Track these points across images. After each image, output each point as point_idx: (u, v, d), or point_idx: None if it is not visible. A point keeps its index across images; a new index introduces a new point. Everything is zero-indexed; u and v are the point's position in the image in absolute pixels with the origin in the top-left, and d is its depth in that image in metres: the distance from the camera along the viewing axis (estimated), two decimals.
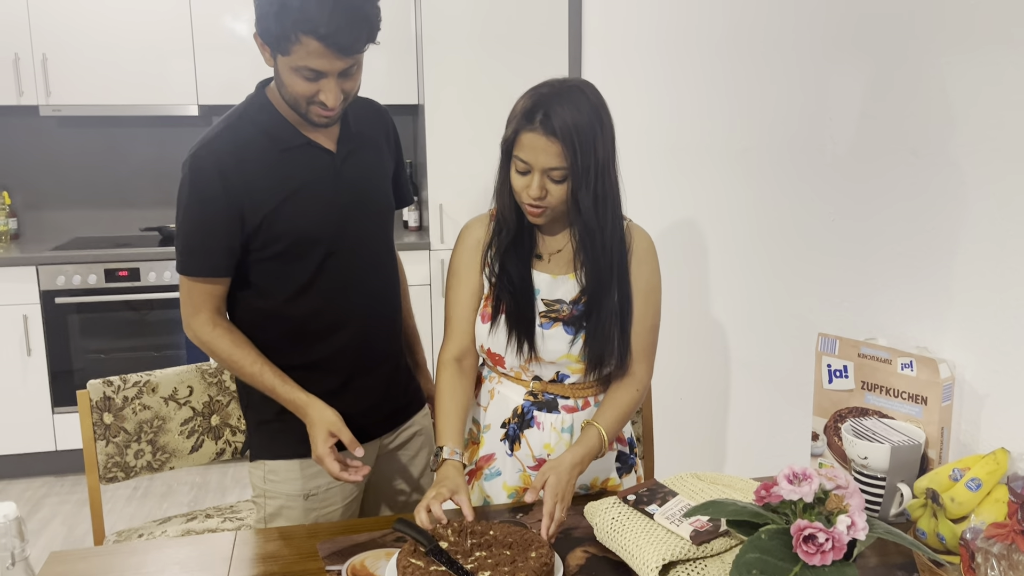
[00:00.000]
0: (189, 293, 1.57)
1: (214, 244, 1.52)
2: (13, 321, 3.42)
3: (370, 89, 3.90)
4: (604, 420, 1.54)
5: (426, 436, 1.85)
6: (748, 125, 2.10)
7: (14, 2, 3.45)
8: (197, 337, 1.58)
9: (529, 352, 1.56)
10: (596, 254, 1.52)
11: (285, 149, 1.54)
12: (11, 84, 3.50)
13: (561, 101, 1.44)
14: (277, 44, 1.42)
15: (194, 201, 1.51)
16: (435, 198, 3.67)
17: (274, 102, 1.56)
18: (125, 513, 3.27)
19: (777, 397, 2.03)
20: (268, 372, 1.57)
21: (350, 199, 1.60)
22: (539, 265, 1.60)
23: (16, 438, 3.51)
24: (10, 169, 3.87)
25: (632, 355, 1.58)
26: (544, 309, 1.58)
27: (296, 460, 1.64)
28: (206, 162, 1.49)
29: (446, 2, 3.51)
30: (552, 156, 1.44)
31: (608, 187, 1.49)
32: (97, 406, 1.97)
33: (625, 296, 1.56)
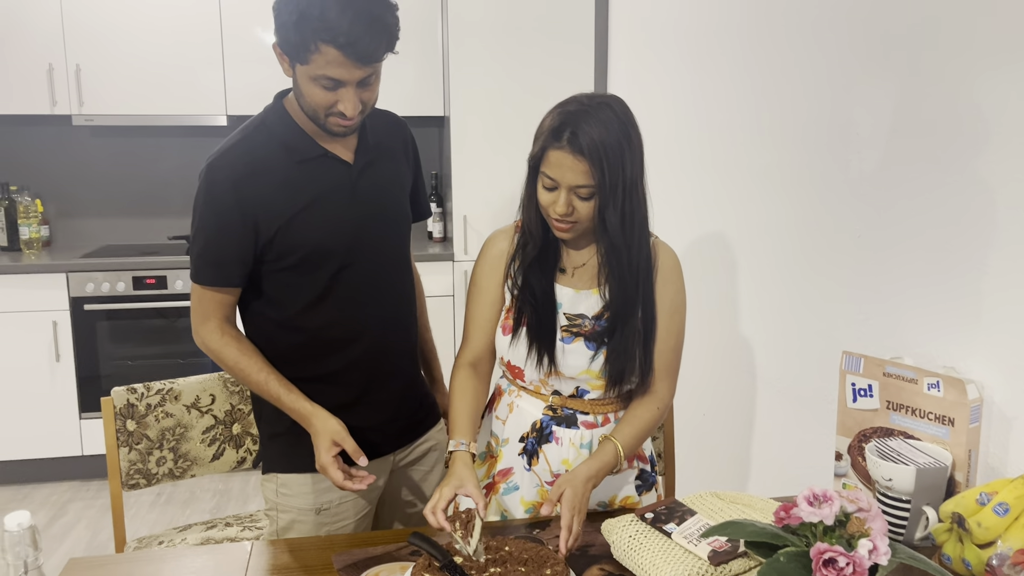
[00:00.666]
0: (200, 300, 1.57)
1: (227, 254, 1.53)
2: (43, 327, 3.47)
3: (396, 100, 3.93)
4: (622, 435, 1.53)
5: (440, 451, 1.83)
6: (774, 139, 2.08)
7: (49, 14, 3.51)
8: (205, 344, 1.59)
9: (549, 366, 1.55)
10: (622, 271, 1.51)
11: (301, 160, 1.54)
12: (45, 94, 3.56)
13: (589, 118, 1.43)
14: (296, 53, 1.42)
15: (209, 211, 1.52)
16: (459, 209, 3.68)
17: (292, 113, 1.56)
18: (148, 519, 3.30)
19: (801, 415, 2.00)
20: (274, 381, 1.57)
21: (366, 211, 1.60)
22: (562, 279, 1.59)
23: (44, 443, 3.55)
24: (43, 177, 3.94)
25: (655, 373, 1.57)
26: (566, 323, 1.57)
27: (308, 474, 1.63)
28: (221, 173, 1.50)
29: (472, 14, 3.52)
30: (579, 174, 1.43)
31: (636, 204, 1.48)
32: (121, 413, 1.99)
33: (649, 314, 1.55)
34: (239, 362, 1.57)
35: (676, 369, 1.61)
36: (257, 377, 1.56)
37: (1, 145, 3.88)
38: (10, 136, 3.88)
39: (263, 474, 1.71)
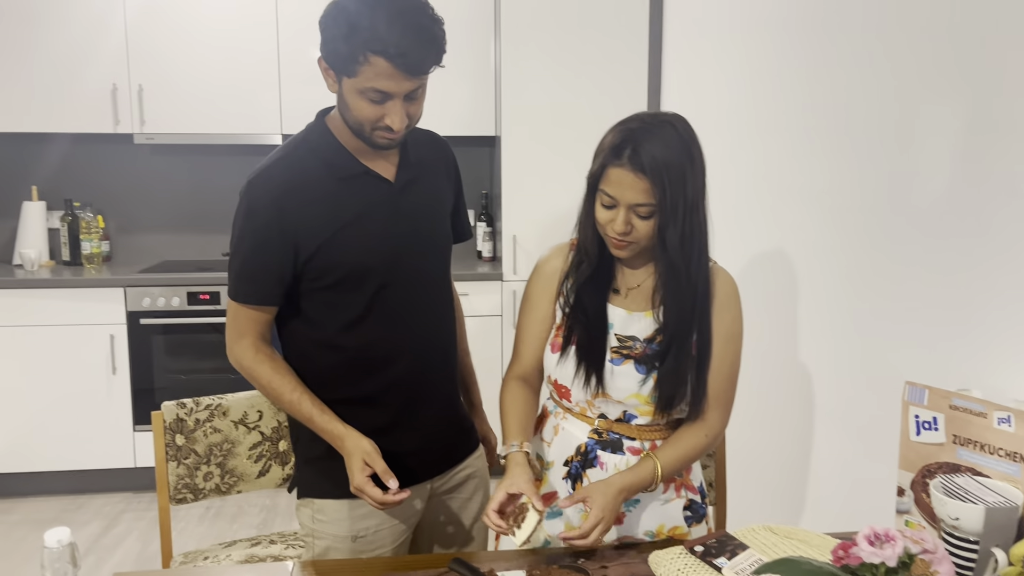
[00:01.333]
0: (236, 318, 1.57)
1: (265, 272, 1.53)
2: (100, 340, 3.55)
3: (448, 119, 3.96)
4: (664, 456, 1.49)
5: (480, 479, 1.79)
6: (832, 160, 2.02)
7: (115, 36, 3.62)
8: (239, 363, 1.58)
9: (596, 386, 1.52)
10: (679, 292, 1.47)
11: (343, 178, 1.53)
12: (109, 113, 3.66)
13: (650, 136, 1.41)
14: (344, 66, 1.42)
15: (248, 228, 1.52)
16: (509, 229, 3.67)
17: (334, 130, 1.55)
18: (196, 532, 3.33)
19: (860, 447, 1.92)
20: (307, 401, 1.55)
21: (407, 230, 1.58)
22: (615, 299, 1.56)
23: (98, 453, 3.62)
24: (105, 194, 4.04)
25: (707, 401, 1.52)
26: (616, 344, 1.53)
27: (345, 500, 1.60)
28: (262, 190, 1.50)
29: (526, 35, 3.53)
30: (639, 192, 1.41)
31: (696, 225, 1.45)
32: (170, 427, 2.00)
33: (704, 339, 1.51)
34: (272, 381, 1.56)
35: (730, 399, 1.56)
36: (290, 397, 1.55)
37: (66, 163, 4.00)
38: (75, 154, 4.00)
39: (298, 499, 1.68)
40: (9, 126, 3.65)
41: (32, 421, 3.56)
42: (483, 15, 3.76)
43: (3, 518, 3.45)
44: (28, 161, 3.97)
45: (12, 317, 3.49)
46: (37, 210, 3.88)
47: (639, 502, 1.57)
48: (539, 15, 3.52)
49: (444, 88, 3.83)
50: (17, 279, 3.53)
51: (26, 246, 3.83)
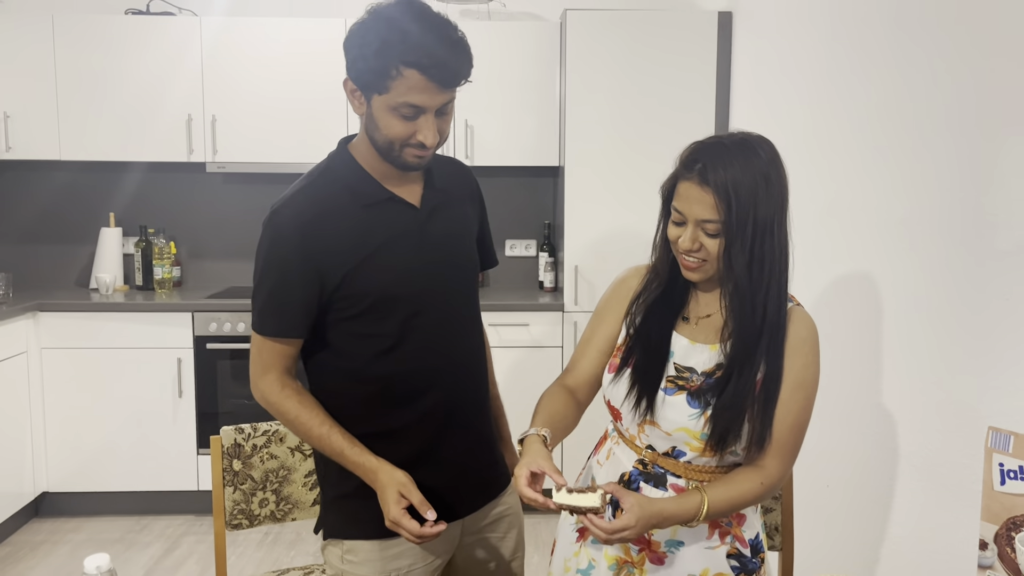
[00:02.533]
0: (259, 351, 1.53)
1: (291, 303, 1.49)
2: (168, 364, 3.63)
3: (516, 151, 3.97)
4: (713, 493, 1.41)
5: (514, 516, 1.73)
6: (909, 191, 1.94)
7: (191, 69, 3.74)
8: (264, 398, 1.54)
9: (646, 412, 1.46)
10: (744, 322, 1.40)
11: (368, 205, 1.50)
12: (183, 143, 3.78)
13: (724, 152, 1.38)
14: (376, 82, 1.40)
15: (272, 259, 1.48)
16: (571, 259, 3.63)
17: (357, 157, 1.53)
18: (255, 558, 3.34)
19: (940, 495, 1.81)
20: (336, 434, 1.50)
21: (435, 257, 1.55)
22: (682, 327, 1.51)
23: (163, 475, 3.68)
24: (178, 221, 4.16)
25: (769, 447, 1.44)
26: (673, 374, 1.48)
27: (376, 541, 1.55)
28: (285, 219, 1.47)
29: (590, 67, 3.52)
30: (706, 208, 1.37)
31: (768, 249, 1.38)
32: (228, 452, 2.01)
33: (773, 380, 1.42)
34: (300, 415, 1.51)
35: (792, 451, 1.46)
36: (319, 431, 1.51)
37: (142, 190, 4.13)
38: (150, 181, 4.13)
39: (324, 539, 1.63)
40: (91, 155, 3.79)
41: (101, 441, 3.65)
42: (550, 48, 3.77)
43: (70, 537, 3.53)
44: (107, 188, 4.12)
45: (86, 339, 3.60)
46: (114, 236, 4.01)
47: (683, 544, 1.49)
48: (604, 47, 3.51)
49: (511, 120, 3.86)
50: (91, 302, 3.65)
51: (102, 271, 3.96)
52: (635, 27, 3.50)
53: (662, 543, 1.50)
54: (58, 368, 3.61)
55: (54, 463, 3.65)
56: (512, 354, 3.66)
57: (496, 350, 3.62)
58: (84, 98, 3.73)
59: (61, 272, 4.15)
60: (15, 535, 3.54)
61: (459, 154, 3.82)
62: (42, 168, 4.07)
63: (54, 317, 3.59)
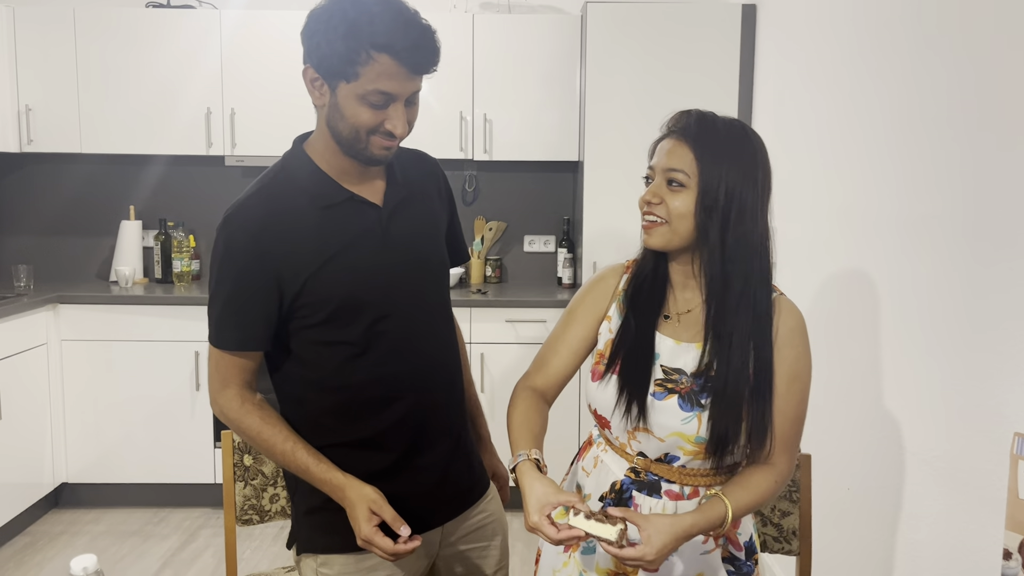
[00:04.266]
0: (218, 366, 1.44)
1: (249, 314, 1.40)
2: (185, 357, 3.64)
3: (536, 145, 3.92)
4: (734, 498, 1.35)
5: (497, 522, 1.66)
6: (936, 188, 1.88)
7: (210, 62, 3.74)
8: (224, 414, 1.45)
9: (638, 418, 1.40)
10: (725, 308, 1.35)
11: (326, 206, 1.42)
12: (202, 136, 3.78)
13: (711, 120, 1.35)
14: (343, 69, 1.33)
15: (227, 268, 1.39)
16: (590, 256, 3.60)
17: (314, 156, 1.45)
18: (271, 552, 3.34)
19: (963, 502, 1.76)
20: (301, 450, 1.43)
21: (400, 257, 1.47)
22: (665, 326, 1.44)
23: (181, 468, 3.70)
24: (196, 214, 4.17)
25: (774, 444, 1.39)
26: (661, 377, 1.42)
27: (352, 555, 1.48)
28: (238, 226, 1.39)
29: (610, 63, 3.47)
30: (677, 158, 1.34)
31: (748, 231, 1.33)
32: (239, 447, 2.00)
33: (764, 374, 1.36)
34: (262, 432, 1.43)
35: (795, 444, 1.43)
36: (283, 447, 1.43)
37: (162, 183, 4.15)
38: (170, 175, 4.14)
39: (298, 554, 1.56)
40: (111, 148, 3.80)
41: (120, 433, 3.67)
42: (569, 42, 3.73)
43: (90, 528, 3.55)
44: (127, 181, 4.14)
45: (105, 332, 3.62)
46: (133, 229, 4.03)
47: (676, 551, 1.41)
48: (625, 41, 3.46)
49: (531, 114, 3.82)
50: (111, 295, 3.66)
51: (122, 263, 3.97)
52: (657, 20, 3.44)
53: None
54: (78, 360, 3.63)
55: (73, 454, 3.67)
56: (530, 351, 3.63)
57: (513, 346, 3.61)
58: (105, 91, 3.75)
59: (81, 265, 4.18)
60: (34, 525, 3.57)
61: (477, 148, 3.79)
62: (63, 161, 4.09)
63: (74, 309, 3.61)
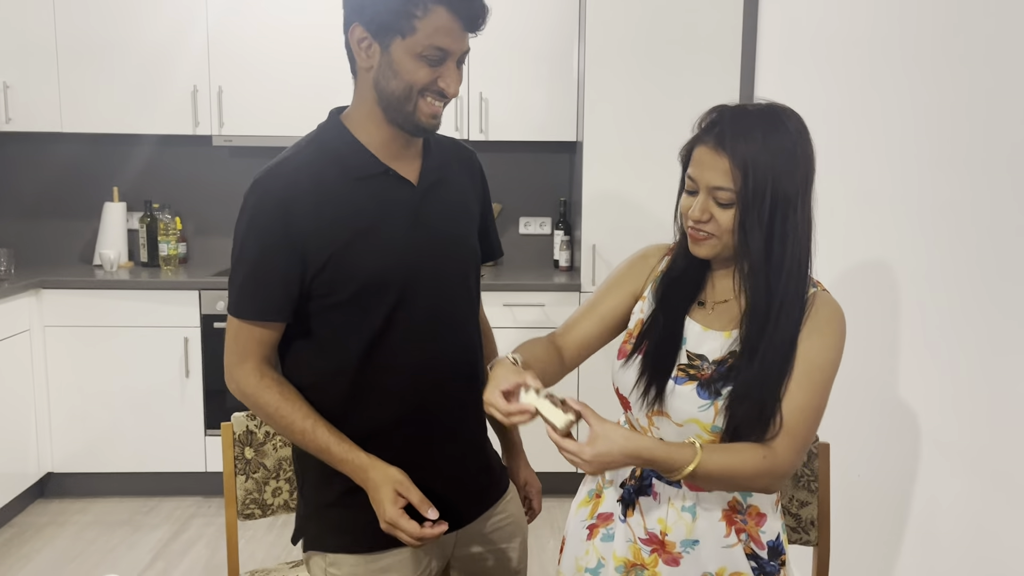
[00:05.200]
0: (237, 337, 1.39)
1: (272, 284, 1.35)
2: (174, 343, 3.54)
3: (525, 124, 3.84)
4: (709, 454, 1.27)
5: (515, 525, 1.60)
6: (949, 174, 1.83)
7: (196, 38, 3.62)
8: (240, 389, 1.40)
9: (655, 402, 1.37)
10: (760, 303, 1.30)
11: (360, 178, 1.37)
12: (188, 115, 3.66)
13: (746, 118, 1.28)
14: (398, 23, 1.28)
15: (252, 235, 1.35)
16: (588, 238, 3.53)
17: (352, 128, 1.40)
18: (265, 542, 3.27)
19: (979, 490, 1.72)
20: (322, 428, 1.36)
21: (429, 239, 1.41)
22: (697, 312, 1.41)
23: (170, 457, 3.61)
24: (183, 196, 4.05)
25: (776, 425, 1.31)
26: (685, 362, 1.38)
27: (363, 555, 1.42)
28: (267, 192, 1.34)
29: (610, 41, 3.39)
30: (719, 174, 1.27)
31: (790, 229, 1.28)
32: (239, 440, 1.93)
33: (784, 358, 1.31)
34: (280, 408, 1.37)
35: (801, 435, 1.31)
36: (302, 425, 1.36)
37: (146, 164, 4.02)
38: (155, 156, 4.02)
39: (305, 551, 1.49)
40: (94, 127, 3.68)
41: (107, 421, 3.57)
42: (567, 19, 3.64)
43: (77, 518, 3.47)
44: (110, 162, 4.01)
45: (90, 317, 3.51)
46: (117, 211, 3.91)
47: (699, 543, 1.39)
48: (626, 17, 3.38)
49: (527, 93, 3.73)
50: (95, 280, 3.56)
51: (106, 247, 3.86)
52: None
53: (677, 543, 1.41)
54: (62, 347, 3.52)
55: (59, 443, 3.57)
56: (527, 335, 3.54)
57: (511, 331, 3.54)
58: (86, 67, 3.62)
59: (64, 248, 4.05)
60: (19, 516, 3.48)
61: (473, 128, 3.70)
62: (43, 140, 3.95)
63: (57, 294, 3.50)
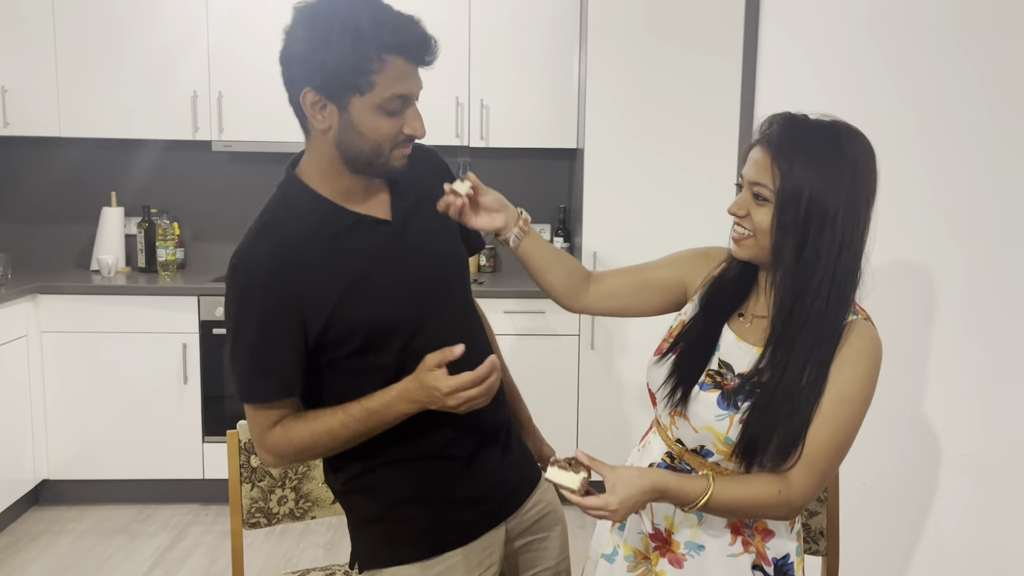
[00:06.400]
0: (255, 420, 1.35)
1: (277, 362, 1.32)
2: (172, 349, 3.51)
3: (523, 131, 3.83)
4: (721, 485, 1.28)
5: (554, 513, 1.61)
6: (960, 180, 1.83)
7: (197, 43, 3.60)
8: (279, 457, 1.36)
9: (679, 402, 1.37)
10: (786, 316, 1.28)
11: (335, 234, 1.34)
12: (188, 120, 3.65)
13: (801, 125, 1.29)
14: (355, 80, 1.25)
15: (247, 315, 1.31)
16: (589, 245, 3.52)
17: (310, 182, 1.36)
18: (263, 550, 3.25)
19: (994, 500, 1.72)
20: (350, 407, 1.32)
21: (421, 270, 1.40)
22: (735, 323, 1.41)
23: (167, 464, 3.58)
24: (181, 201, 4.03)
25: (796, 456, 1.29)
26: (715, 368, 1.38)
27: (416, 564, 1.42)
28: (250, 272, 1.31)
29: (612, 45, 3.39)
30: (760, 169, 1.28)
31: (824, 243, 1.25)
32: (245, 448, 1.91)
33: (813, 386, 1.28)
34: (313, 428, 1.33)
35: (822, 469, 1.29)
36: (338, 419, 1.33)
37: (145, 169, 3.99)
38: (154, 160, 3.99)
39: (360, 572, 1.48)
40: (92, 131, 3.66)
41: (103, 428, 3.54)
42: (568, 26, 3.64)
43: (72, 526, 3.43)
44: (109, 167, 3.99)
45: (87, 323, 3.48)
46: (115, 216, 3.89)
47: (704, 549, 1.40)
48: (627, 25, 3.38)
49: (528, 99, 3.72)
50: (92, 285, 3.53)
51: (104, 252, 3.83)
52: (659, 3, 3.36)
53: (681, 544, 1.41)
54: (59, 352, 3.49)
55: (55, 450, 3.54)
56: (527, 342, 3.55)
57: (511, 338, 3.53)
58: (86, 72, 3.60)
59: (61, 253, 4.02)
60: (14, 524, 3.44)
61: (473, 134, 3.70)
62: (41, 145, 3.93)
63: (54, 300, 3.47)
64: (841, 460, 1.33)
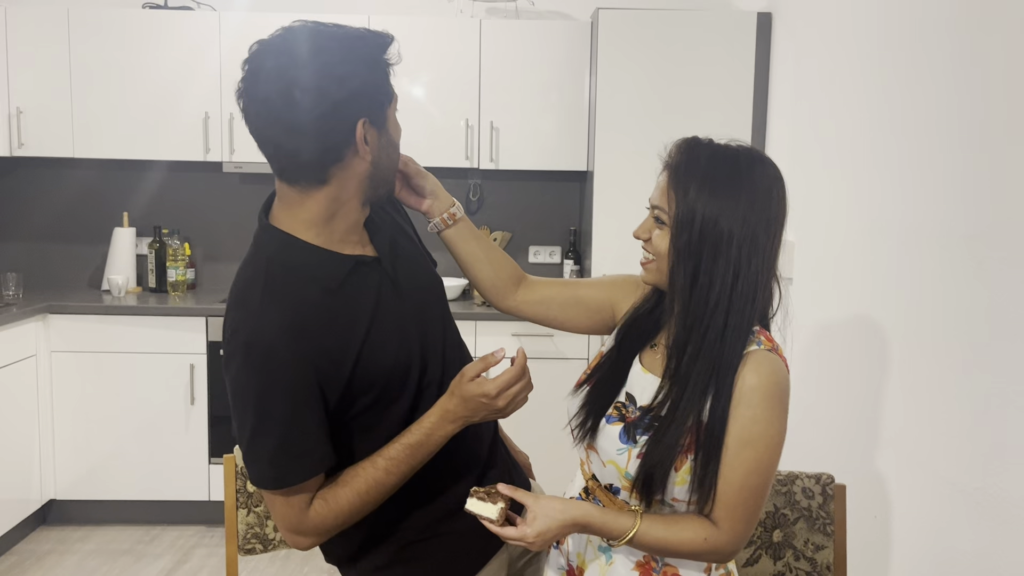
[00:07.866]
0: (289, 506, 1.23)
1: (312, 434, 1.22)
2: (180, 370, 3.51)
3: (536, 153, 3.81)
4: (648, 525, 1.25)
5: None
6: (957, 201, 1.79)
7: (209, 66, 3.63)
8: (320, 532, 1.26)
9: (586, 436, 1.34)
10: (681, 347, 1.25)
11: (339, 284, 1.25)
12: (200, 141, 3.67)
13: (703, 149, 1.28)
14: (385, 95, 1.25)
15: (274, 397, 1.19)
16: (599, 267, 3.50)
17: (296, 232, 1.25)
18: (267, 573, 3.22)
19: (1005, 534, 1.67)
20: (388, 449, 1.26)
21: (416, 301, 1.35)
22: (646, 354, 1.38)
23: (174, 485, 3.57)
24: (192, 221, 4.05)
25: (712, 503, 1.25)
26: (622, 400, 1.35)
27: None
28: (268, 346, 1.18)
29: (622, 69, 3.37)
30: (660, 193, 1.29)
31: (718, 269, 1.23)
32: (241, 472, 1.89)
33: (719, 424, 1.23)
34: (357, 488, 1.25)
35: (742, 515, 1.25)
36: (378, 468, 1.26)
37: (156, 189, 4.02)
38: (165, 181, 4.02)
39: None
40: (105, 153, 3.69)
41: (110, 448, 3.54)
42: (579, 48, 3.64)
43: (78, 547, 3.42)
44: (121, 187, 4.02)
45: (97, 343, 3.49)
46: (127, 236, 3.90)
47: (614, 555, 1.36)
48: (637, 48, 3.37)
49: (538, 122, 3.71)
50: (102, 305, 3.54)
51: (115, 272, 3.85)
52: (670, 28, 3.35)
53: None
54: (67, 372, 3.50)
55: (62, 470, 3.54)
56: (535, 366, 3.47)
57: None
58: (99, 94, 3.63)
59: (73, 273, 4.05)
60: (21, 544, 3.44)
61: (483, 156, 3.69)
62: (55, 166, 3.97)
63: (64, 319, 3.49)
64: (762, 503, 1.27)
